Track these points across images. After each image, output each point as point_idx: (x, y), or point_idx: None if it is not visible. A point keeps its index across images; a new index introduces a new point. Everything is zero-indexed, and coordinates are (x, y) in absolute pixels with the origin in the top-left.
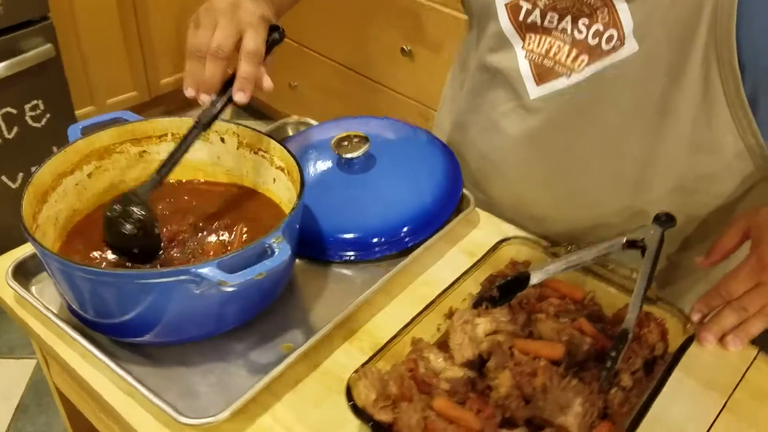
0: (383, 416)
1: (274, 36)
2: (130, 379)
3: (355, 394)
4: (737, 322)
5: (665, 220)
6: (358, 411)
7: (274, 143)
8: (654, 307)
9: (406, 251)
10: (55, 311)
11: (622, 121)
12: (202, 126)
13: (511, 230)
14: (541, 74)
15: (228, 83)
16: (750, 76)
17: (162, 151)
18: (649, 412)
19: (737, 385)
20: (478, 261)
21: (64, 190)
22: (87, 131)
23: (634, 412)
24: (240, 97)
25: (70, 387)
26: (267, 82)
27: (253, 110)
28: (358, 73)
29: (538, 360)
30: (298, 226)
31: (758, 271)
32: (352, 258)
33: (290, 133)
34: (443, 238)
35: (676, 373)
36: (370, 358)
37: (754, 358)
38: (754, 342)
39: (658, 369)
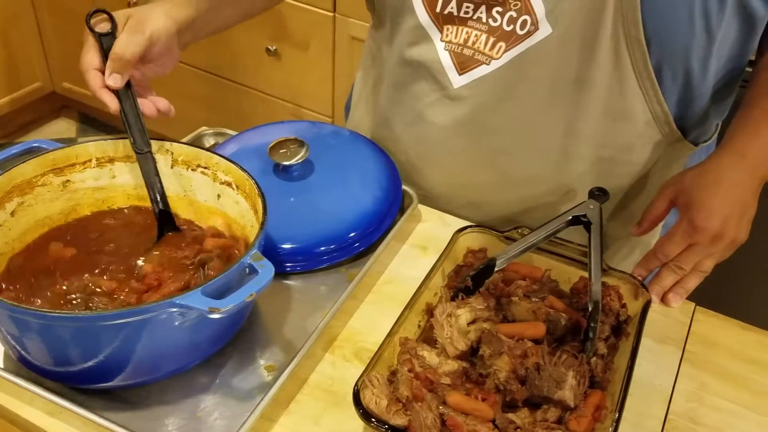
0: (398, 420)
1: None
2: (115, 428)
3: (365, 403)
4: (675, 281)
5: (599, 194)
6: (372, 419)
7: (216, 158)
8: (607, 276)
9: (358, 254)
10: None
11: (543, 97)
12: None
13: (452, 220)
14: (462, 63)
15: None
16: (656, 49)
17: (87, 178)
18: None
19: (687, 338)
20: (441, 255)
21: None
22: (2, 165)
23: (617, 376)
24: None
25: None
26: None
27: (101, 124)
28: (223, 77)
29: (524, 342)
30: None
31: (690, 233)
32: (300, 268)
33: (206, 145)
34: (394, 236)
35: None
36: (367, 367)
37: (693, 311)
38: (689, 298)
39: (624, 333)
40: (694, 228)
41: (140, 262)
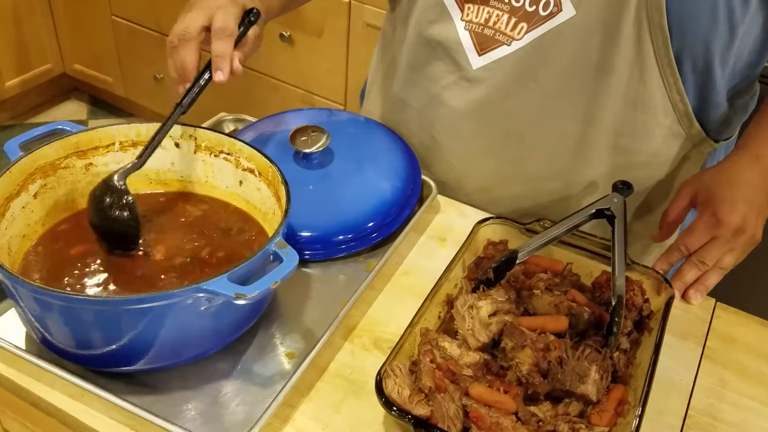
0: (420, 410)
1: (249, 17)
2: (138, 410)
3: (387, 392)
4: (696, 276)
5: (623, 187)
6: (394, 408)
7: (240, 144)
8: (630, 271)
9: (375, 245)
10: (23, 347)
11: (563, 82)
12: (183, 108)
13: (471, 212)
14: (482, 44)
15: (206, 67)
16: (677, 37)
17: (110, 162)
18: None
19: (707, 334)
20: (462, 246)
21: (12, 215)
22: (25, 147)
23: (646, 375)
24: (218, 76)
25: None
26: (236, 64)
27: (111, 107)
28: None
29: (547, 335)
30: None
31: (712, 226)
32: (318, 256)
33: (226, 131)
34: (412, 227)
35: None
36: (389, 356)
37: (714, 308)
38: (710, 295)
39: (646, 329)
40: (718, 220)
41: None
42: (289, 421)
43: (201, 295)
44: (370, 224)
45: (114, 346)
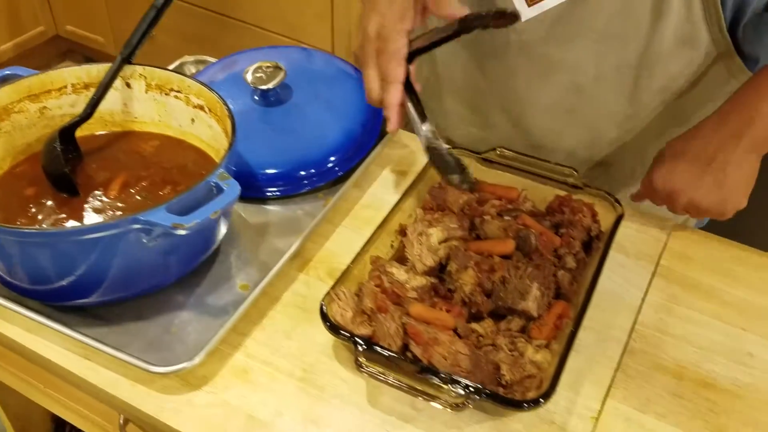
0: (363, 330)
1: None
2: (90, 341)
3: (331, 315)
4: None
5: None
6: (338, 330)
7: (189, 81)
8: (583, 193)
9: (337, 179)
10: None
11: (615, 27)
12: (130, 47)
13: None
14: None
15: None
16: None
17: (63, 104)
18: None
19: (662, 253)
20: (418, 177)
21: None
22: None
23: (583, 289)
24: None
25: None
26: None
27: (87, 59)
28: (219, 14)
29: (492, 258)
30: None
31: (646, 188)
32: (280, 193)
33: (188, 73)
34: (374, 161)
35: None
36: (336, 282)
37: (671, 228)
38: None
39: (595, 248)
40: (646, 184)
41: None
42: (240, 347)
43: (139, 226)
44: (332, 159)
45: (66, 280)
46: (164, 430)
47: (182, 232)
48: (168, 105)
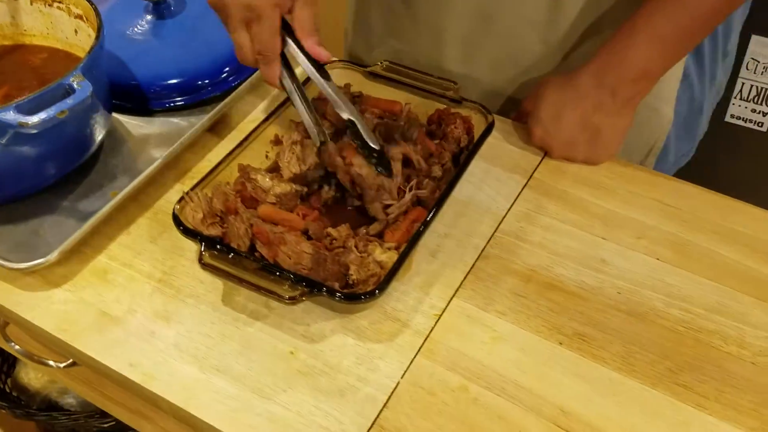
0: (212, 231)
1: None
2: None
3: (183, 218)
4: None
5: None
6: (189, 232)
7: None
8: (460, 107)
9: (230, 92)
10: None
11: None
12: None
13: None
14: None
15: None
16: None
17: None
18: (462, 197)
19: (537, 167)
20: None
21: None
22: None
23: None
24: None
25: None
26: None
27: None
28: None
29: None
30: (105, 74)
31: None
32: (176, 104)
33: None
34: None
35: (483, 164)
36: (196, 185)
37: None
38: None
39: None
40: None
41: None
42: (104, 250)
43: None
44: (226, 69)
45: None
46: (35, 330)
47: (29, 130)
48: (53, 16)
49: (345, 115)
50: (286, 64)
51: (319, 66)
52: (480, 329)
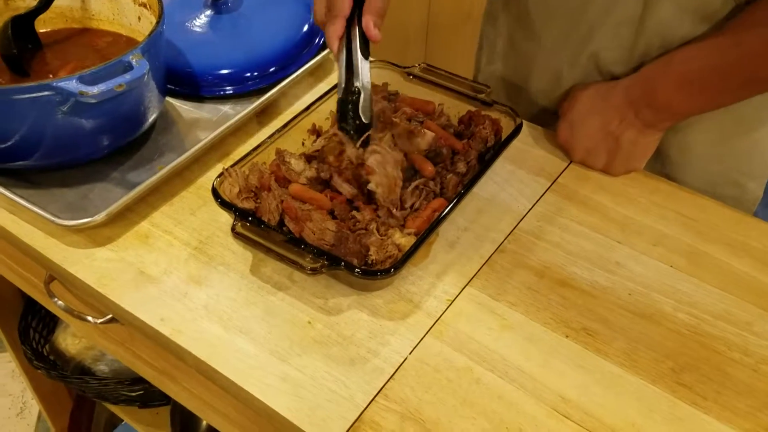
0: (246, 204)
1: None
2: (11, 195)
3: (221, 191)
4: None
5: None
6: (225, 204)
7: None
8: (490, 110)
9: (276, 84)
10: None
11: None
12: None
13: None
14: None
15: None
16: None
17: None
18: (485, 194)
19: (562, 172)
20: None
21: None
22: None
23: (462, 187)
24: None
25: None
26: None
27: None
28: None
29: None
30: (162, 58)
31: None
32: (226, 92)
33: None
34: (311, 73)
35: (509, 166)
36: (235, 163)
37: None
38: None
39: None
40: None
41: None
42: (148, 217)
43: (50, 92)
44: (273, 63)
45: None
46: (77, 284)
47: (89, 99)
48: (119, 3)
49: (357, 83)
50: (349, 33)
51: (365, 42)
52: (490, 316)
